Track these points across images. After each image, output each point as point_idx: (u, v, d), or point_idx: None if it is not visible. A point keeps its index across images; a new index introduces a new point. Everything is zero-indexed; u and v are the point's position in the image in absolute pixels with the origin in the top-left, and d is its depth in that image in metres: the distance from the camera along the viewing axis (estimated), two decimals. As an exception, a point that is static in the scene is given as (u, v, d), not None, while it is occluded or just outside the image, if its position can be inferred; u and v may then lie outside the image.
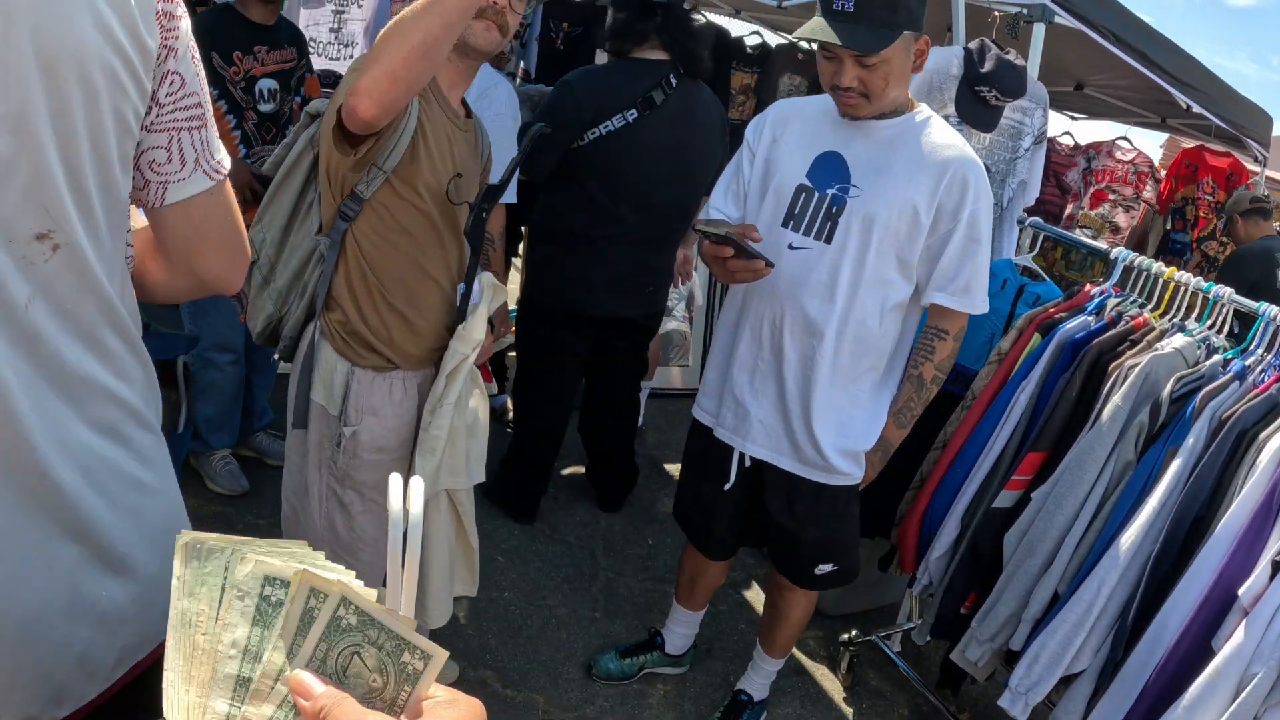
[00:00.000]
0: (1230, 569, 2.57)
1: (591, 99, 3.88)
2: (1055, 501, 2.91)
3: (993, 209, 2.81)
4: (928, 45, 2.72)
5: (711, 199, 3.07)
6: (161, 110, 1.37)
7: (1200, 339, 2.96)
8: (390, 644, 0.78)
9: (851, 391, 2.87)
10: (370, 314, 2.58)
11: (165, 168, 1.40)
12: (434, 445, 2.63)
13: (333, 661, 0.79)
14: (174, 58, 1.35)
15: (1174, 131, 7.85)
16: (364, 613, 0.78)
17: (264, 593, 0.80)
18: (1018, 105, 3.84)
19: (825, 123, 2.85)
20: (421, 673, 0.78)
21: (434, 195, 2.51)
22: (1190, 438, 2.72)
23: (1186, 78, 5.31)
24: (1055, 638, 2.82)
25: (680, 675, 3.75)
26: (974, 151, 2.78)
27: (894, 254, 2.76)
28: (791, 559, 3.17)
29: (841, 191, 2.77)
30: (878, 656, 4.07)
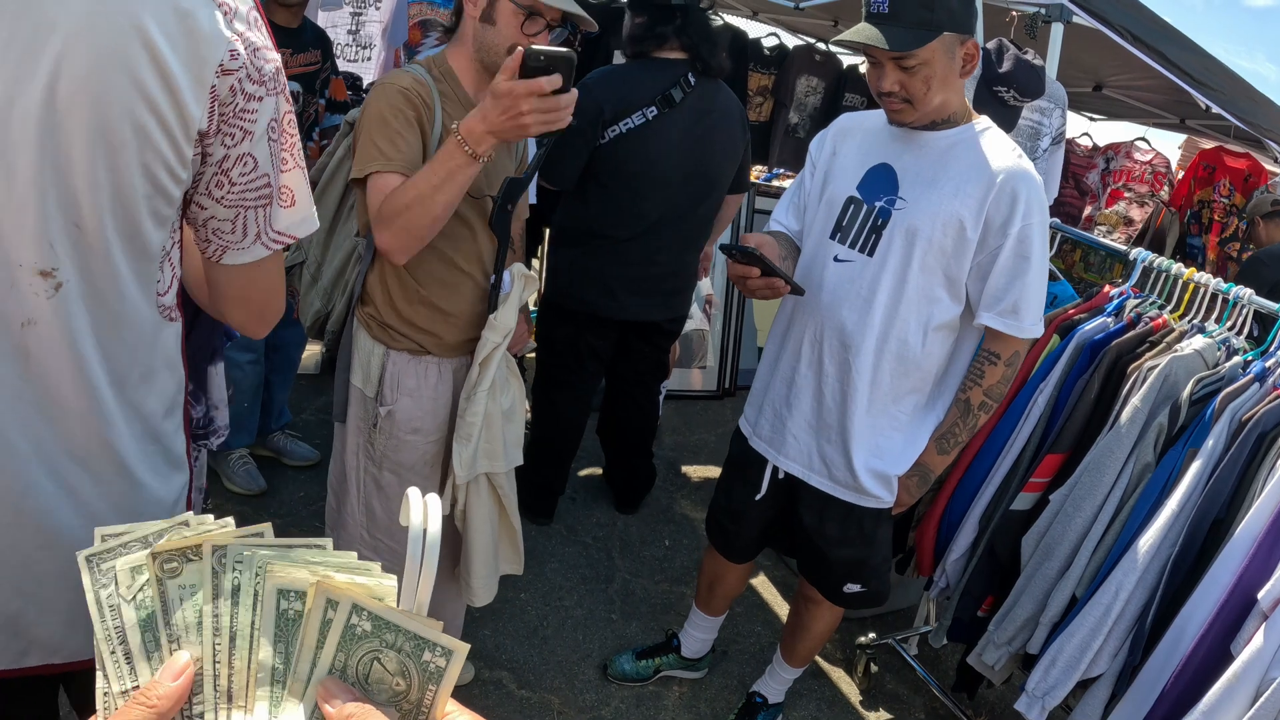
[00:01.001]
0: (1250, 572, 2.55)
1: (610, 97, 3.87)
2: (1074, 504, 2.90)
3: (1048, 229, 2.71)
4: (977, 50, 2.61)
5: (774, 212, 3.07)
6: (233, 188, 1.43)
7: (1220, 340, 2.94)
8: (409, 645, 0.77)
9: (891, 413, 2.83)
10: (404, 307, 2.68)
11: (228, 236, 1.48)
12: (469, 431, 2.70)
13: (354, 669, 0.78)
14: (249, 140, 1.40)
15: (1193, 132, 7.82)
16: (377, 617, 0.77)
17: (280, 608, 0.79)
18: (1036, 106, 3.82)
19: (883, 135, 2.81)
20: (445, 669, 0.77)
21: (479, 194, 2.60)
22: (1210, 440, 2.70)
23: (1206, 78, 5.28)
24: (1073, 641, 2.81)
25: (696, 678, 3.75)
26: (1032, 165, 2.68)
27: (940, 270, 2.69)
28: (820, 574, 3.14)
29: (888, 204, 2.73)
30: (894, 660, 4.06)
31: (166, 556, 0.80)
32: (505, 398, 2.80)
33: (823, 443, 2.90)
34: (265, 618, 0.79)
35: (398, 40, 6.80)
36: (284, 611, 0.79)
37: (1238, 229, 7.17)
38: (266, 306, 1.63)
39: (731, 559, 3.37)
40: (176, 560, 0.80)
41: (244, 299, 1.59)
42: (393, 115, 2.45)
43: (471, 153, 2.28)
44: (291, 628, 0.79)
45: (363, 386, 2.76)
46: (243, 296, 1.58)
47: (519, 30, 2.47)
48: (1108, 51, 5.12)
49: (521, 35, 2.47)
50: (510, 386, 2.84)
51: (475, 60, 2.59)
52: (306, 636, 0.78)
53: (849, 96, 7.12)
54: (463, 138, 2.27)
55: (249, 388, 4.25)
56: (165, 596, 0.80)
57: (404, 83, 2.50)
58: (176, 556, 0.80)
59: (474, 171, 2.32)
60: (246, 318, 1.63)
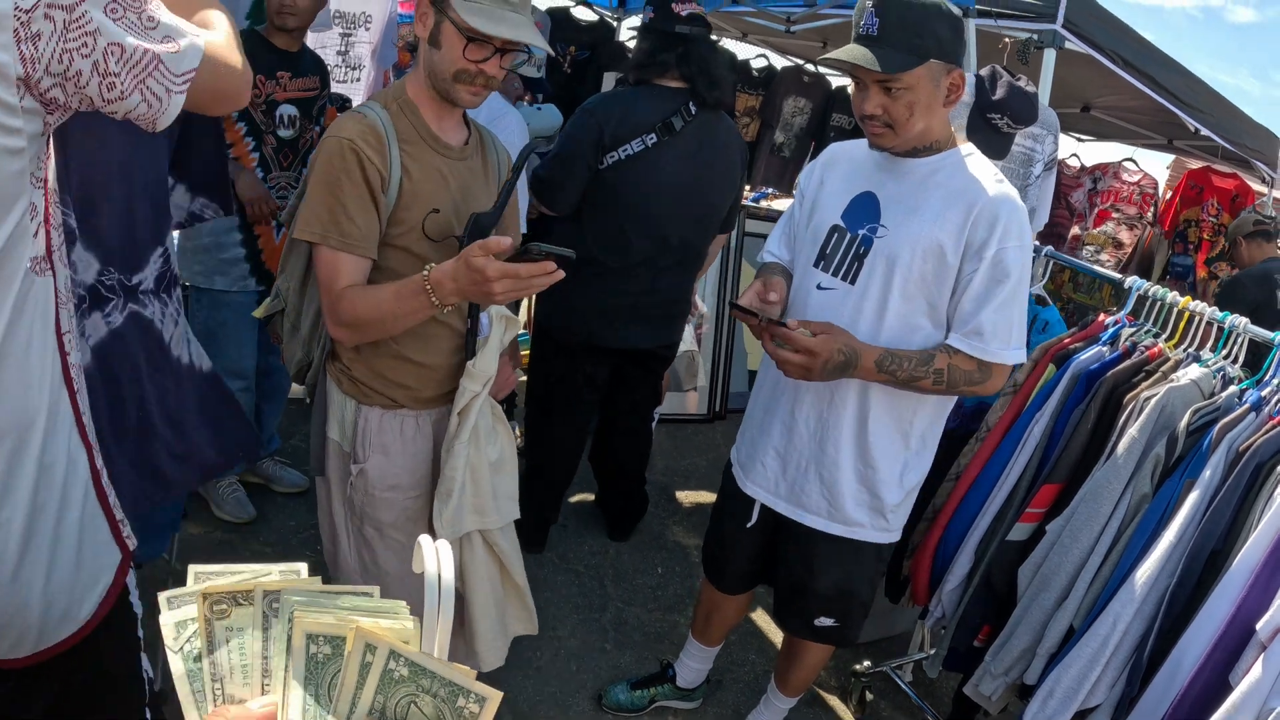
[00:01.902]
0: (1248, 603, 2.54)
1: (610, 122, 3.86)
2: (1070, 534, 2.89)
3: (1030, 252, 2.68)
4: (963, 80, 2.60)
5: (768, 242, 3.06)
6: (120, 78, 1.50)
7: (1215, 370, 2.94)
8: (445, 691, 0.80)
9: (879, 445, 2.81)
10: (374, 361, 2.57)
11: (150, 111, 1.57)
12: (449, 487, 2.58)
13: (391, 711, 0.81)
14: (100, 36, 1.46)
15: (1181, 153, 7.85)
16: (414, 664, 0.80)
17: (310, 650, 0.82)
18: (1029, 132, 3.82)
19: (868, 163, 2.80)
20: (478, 715, 0.81)
21: (440, 235, 2.50)
22: (1207, 470, 2.69)
23: (1194, 100, 5.31)
24: (1070, 672, 2.80)
25: (691, 708, 3.73)
26: (1015, 190, 2.68)
27: (923, 298, 2.67)
28: (797, 604, 3.12)
29: (870, 232, 2.72)
30: (889, 687, 4.05)
31: (216, 599, 0.83)
32: (492, 448, 2.67)
33: (799, 472, 2.89)
34: (295, 659, 0.82)
35: (387, 62, 6.79)
36: (313, 655, 0.82)
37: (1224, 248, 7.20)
38: (224, 93, 1.76)
39: (724, 590, 3.36)
40: (226, 603, 0.84)
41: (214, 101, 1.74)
42: (342, 178, 2.36)
43: (437, 303, 2.28)
44: (321, 670, 0.82)
45: (340, 440, 2.66)
46: (211, 102, 1.73)
47: (462, 55, 2.35)
48: (1095, 74, 5.14)
49: (464, 60, 2.36)
50: (497, 436, 2.71)
51: (428, 89, 2.48)
52: (347, 678, 0.81)
53: (836, 117, 7.14)
54: (431, 288, 2.26)
55: None
56: (212, 637, 0.83)
57: (353, 132, 2.38)
58: (226, 599, 0.84)
59: (437, 312, 2.34)
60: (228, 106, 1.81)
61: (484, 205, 2.54)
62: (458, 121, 2.60)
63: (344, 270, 2.39)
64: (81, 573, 1.73)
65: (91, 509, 1.74)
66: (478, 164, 2.65)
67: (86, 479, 1.72)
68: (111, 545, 1.82)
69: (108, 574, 1.81)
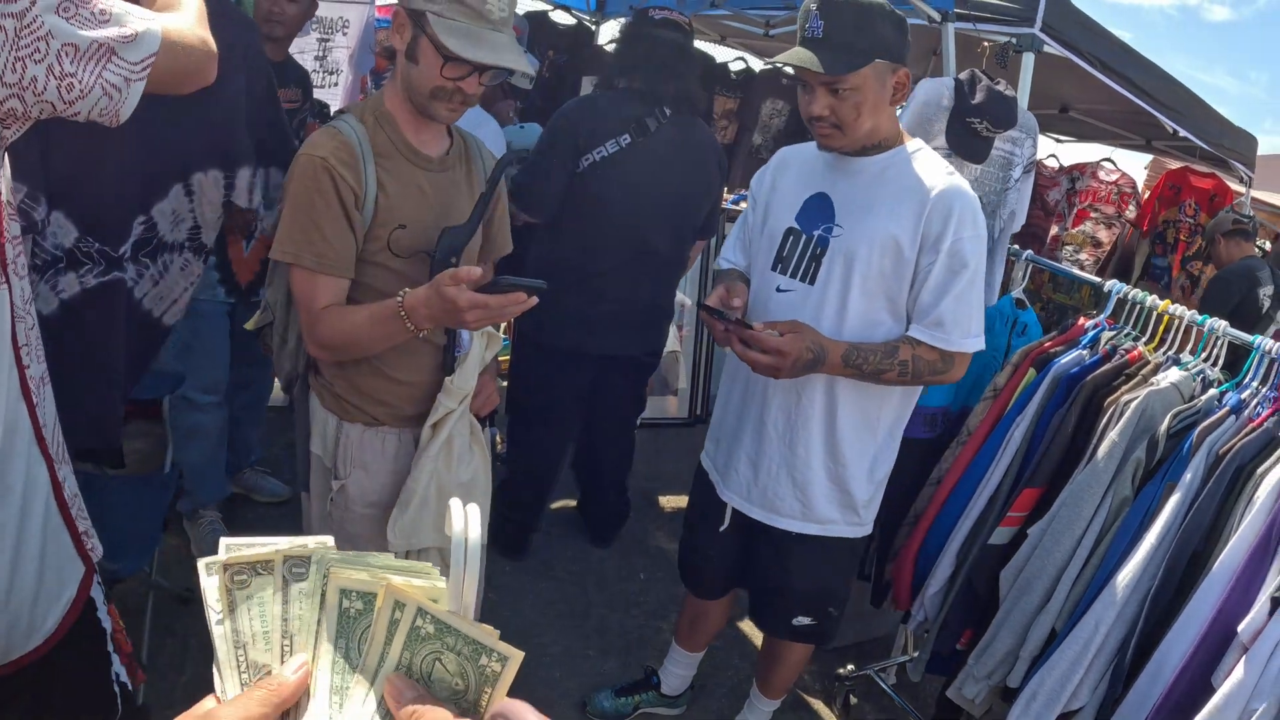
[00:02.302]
0: (1229, 605, 2.55)
1: (586, 123, 3.89)
2: (1052, 538, 2.90)
3: (986, 241, 2.73)
4: (908, 79, 2.66)
5: (723, 249, 3.08)
6: (78, 77, 1.52)
7: (1195, 373, 2.95)
8: (468, 649, 0.82)
9: (848, 441, 2.83)
10: (356, 377, 2.55)
11: (111, 103, 1.60)
12: (407, 499, 2.55)
13: (418, 667, 0.83)
14: (52, 40, 1.48)
15: (1159, 153, 7.87)
16: (440, 621, 0.82)
17: (342, 605, 0.84)
18: (1008, 136, 3.82)
19: (819, 165, 2.83)
20: (500, 674, 0.82)
21: (407, 251, 2.47)
22: (1188, 473, 2.70)
23: (1172, 102, 5.32)
24: (1053, 675, 2.80)
25: (676, 714, 3.72)
26: (966, 181, 2.72)
27: (882, 294, 2.71)
28: (771, 606, 3.15)
29: (826, 232, 2.75)
30: (873, 690, 4.05)
31: (237, 569, 0.84)
32: (465, 469, 2.64)
33: (770, 477, 2.90)
34: (328, 614, 0.84)
35: (364, 67, 6.79)
36: (345, 610, 0.84)
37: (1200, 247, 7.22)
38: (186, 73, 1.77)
39: (702, 596, 3.38)
40: (246, 573, 0.85)
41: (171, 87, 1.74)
42: (315, 199, 2.33)
43: (412, 328, 2.28)
44: (352, 625, 0.84)
45: (322, 455, 2.64)
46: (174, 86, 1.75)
47: (439, 74, 2.32)
48: (1073, 76, 5.15)
49: (442, 79, 2.32)
50: (472, 458, 2.68)
51: (405, 102, 2.45)
52: (376, 634, 0.83)
53: (815, 119, 7.13)
54: (405, 314, 2.26)
55: (214, 432, 4.08)
56: (234, 606, 0.84)
57: (326, 150, 2.35)
58: (246, 569, 0.85)
59: (413, 336, 2.33)
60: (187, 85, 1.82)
61: (464, 217, 2.51)
62: (438, 132, 2.56)
63: (320, 290, 2.38)
64: (44, 586, 1.73)
65: (54, 523, 1.75)
66: (460, 174, 2.61)
67: (47, 493, 1.73)
68: (74, 558, 1.82)
69: (71, 586, 1.82)
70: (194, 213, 2.85)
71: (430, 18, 2.24)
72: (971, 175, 3.83)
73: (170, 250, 2.81)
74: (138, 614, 3.37)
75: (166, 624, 3.56)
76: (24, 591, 1.68)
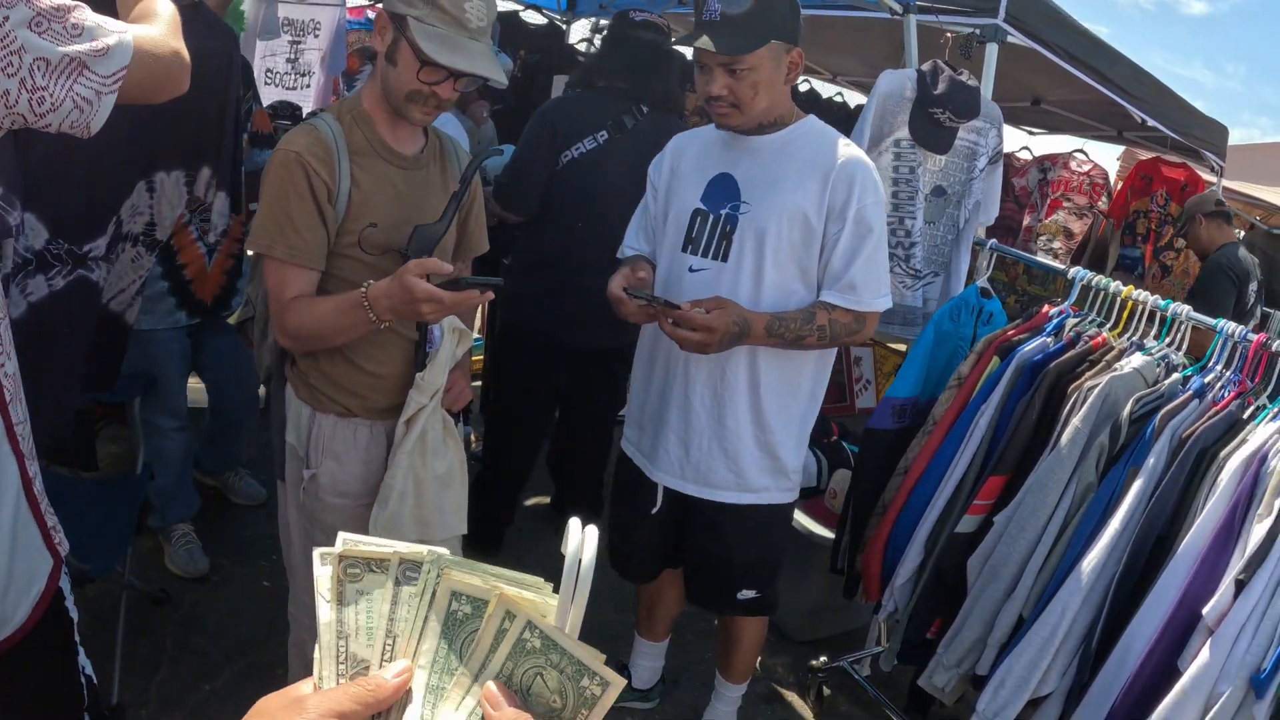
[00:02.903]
0: (1194, 588, 2.56)
1: (564, 121, 3.96)
2: (1018, 525, 2.90)
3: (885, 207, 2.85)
4: (801, 59, 2.77)
5: (625, 238, 3.16)
6: (50, 91, 1.55)
7: (1159, 357, 2.96)
8: (571, 669, 0.81)
9: (772, 408, 2.91)
10: (329, 368, 2.59)
11: (82, 117, 1.62)
12: (386, 494, 2.59)
13: (518, 679, 0.82)
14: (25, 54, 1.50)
15: (1131, 144, 7.89)
16: (548, 637, 0.81)
17: (451, 608, 0.84)
18: (972, 126, 3.83)
19: (718, 147, 2.92)
20: (599, 699, 0.82)
21: (378, 249, 2.51)
22: (1151, 458, 2.71)
23: (1140, 92, 5.34)
24: (1021, 661, 2.81)
25: (648, 709, 3.72)
26: (861, 151, 2.84)
27: (794, 264, 2.81)
28: (714, 583, 3.20)
29: (734, 210, 2.84)
30: (848, 681, 4.05)
31: (350, 561, 0.85)
32: (440, 462, 2.68)
33: (702, 452, 2.96)
34: (436, 614, 0.84)
35: (336, 69, 6.78)
36: (454, 612, 0.84)
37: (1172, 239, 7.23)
38: (159, 84, 1.79)
39: (634, 580, 3.45)
40: (359, 567, 0.85)
41: (144, 97, 1.76)
42: (289, 191, 2.40)
43: (374, 319, 2.33)
44: (458, 628, 0.84)
45: (296, 445, 2.68)
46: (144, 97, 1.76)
47: (415, 77, 2.38)
48: (1043, 68, 5.16)
49: (418, 82, 2.39)
50: (447, 450, 2.71)
51: (383, 102, 2.52)
52: (482, 640, 0.82)
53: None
54: (369, 304, 2.30)
55: (177, 458, 4.03)
56: (342, 597, 0.85)
57: (301, 145, 2.41)
58: (360, 564, 0.85)
59: (375, 327, 2.38)
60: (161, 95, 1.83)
61: (437, 215, 2.55)
62: (413, 131, 2.62)
63: (290, 281, 2.44)
64: (14, 579, 1.74)
65: (24, 518, 1.76)
66: (435, 173, 2.67)
67: (17, 488, 1.73)
68: (44, 552, 1.83)
69: (40, 580, 1.83)
70: (152, 209, 2.87)
71: (411, 22, 2.31)
72: (937, 166, 3.84)
73: (124, 240, 2.82)
74: (111, 614, 3.35)
75: (140, 625, 3.56)
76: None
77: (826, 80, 8.29)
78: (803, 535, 4.03)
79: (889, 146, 3.74)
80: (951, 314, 3.46)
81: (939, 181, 3.87)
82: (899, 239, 3.85)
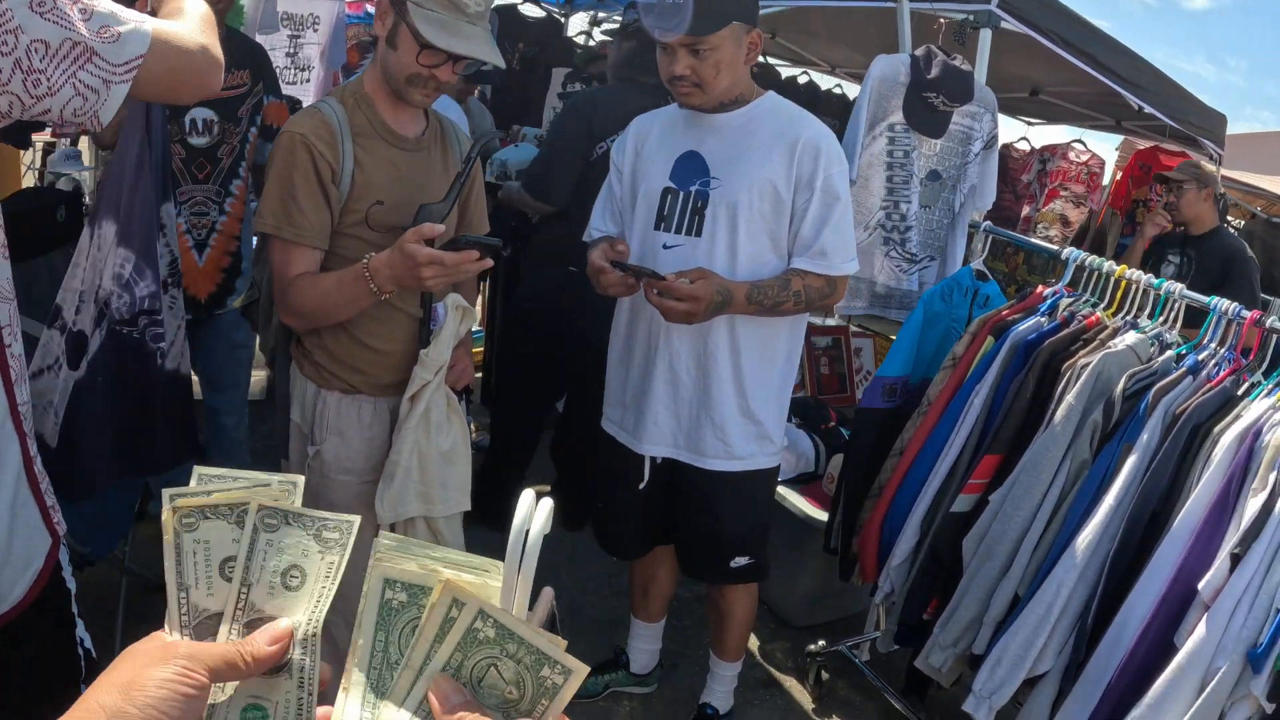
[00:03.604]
0: (1189, 564, 2.56)
1: (598, 114, 4.00)
2: (1012, 503, 2.90)
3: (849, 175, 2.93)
4: (760, 39, 2.85)
5: (591, 220, 3.19)
6: (48, 75, 1.52)
7: (1153, 335, 2.96)
8: (530, 658, 0.78)
9: (751, 374, 2.96)
10: (334, 345, 2.64)
11: (87, 104, 1.58)
12: (392, 470, 2.64)
13: (468, 671, 0.78)
14: (23, 34, 1.48)
15: (1129, 133, 7.87)
16: (503, 627, 0.78)
17: (385, 595, 0.80)
18: (966, 111, 3.83)
19: (680, 126, 2.98)
20: (561, 687, 0.78)
21: (384, 227, 2.56)
22: (1145, 434, 2.71)
23: (1138, 79, 5.32)
24: (1017, 640, 2.81)
25: (647, 693, 3.73)
26: (821, 123, 2.92)
27: (766, 235, 2.89)
28: (707, 553, 3.22)
29: (704, 186, 2.90)
30: (846, 666, 4.05)
31: (185, 512, 0.82)
32: (444, 438, 2.73)
33: (694, 420, 3.01)
34: (370, 604, 0.80)
35: (336, 62, 6.76)
36: (388, 601, 0.80)
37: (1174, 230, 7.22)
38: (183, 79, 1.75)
39: (625, 557, 3.49)
40: (194, 516, 0.82)
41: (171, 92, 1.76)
42: (294, 173, 2.46)
43: (376, 290, 2.37)
44: (394, 617, 0.80)
45: (300, 422, 2.73)
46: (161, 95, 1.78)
47: (415, 60, 2.45)
48: (1041, 57, 5.15)
49: (418, 65, 2.46)
50: (451, 427, 2.76)
51: (383, 85, 2.58)
52: (426, 630, 0.78)
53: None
54: (370, 274, 2.35)
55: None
56: (180, 549, 0.82)
57: (305, 127, 2.48)
58: (195, 513, 0.82)
59: (377, 299, 2.42)
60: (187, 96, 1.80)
61: (439, 196, 2.59)
62: (415, 114, 2.68)
63: (295, 260, 2.50)
64: (12, 557, 1.75)
65: (23, 497, 1.76)
66: (436, 154, 2.72)
67: (19, 467, 1.74)
68: (43, 530, 1.84)
69: (39, 558, 1.83)
70: (169, 246, 2.80)
71: (411, 7, 2.38)
72: (932, 150, 3.84)
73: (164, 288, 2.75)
74: (112, 601, 3.37)
75: (140, 611, 3.55)
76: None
77: (825, 73, 8.28)
78: (800, 520, 4.02)
79: (883, 131, 3.74)
80: (943, 294, 3.46)
81: (934, 166, 3.87)
82: (894, 223, 3.85)
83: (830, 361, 5.41)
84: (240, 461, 4.27)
